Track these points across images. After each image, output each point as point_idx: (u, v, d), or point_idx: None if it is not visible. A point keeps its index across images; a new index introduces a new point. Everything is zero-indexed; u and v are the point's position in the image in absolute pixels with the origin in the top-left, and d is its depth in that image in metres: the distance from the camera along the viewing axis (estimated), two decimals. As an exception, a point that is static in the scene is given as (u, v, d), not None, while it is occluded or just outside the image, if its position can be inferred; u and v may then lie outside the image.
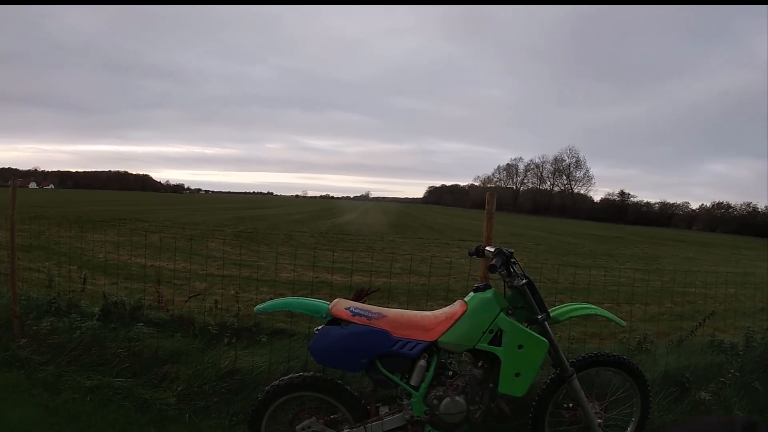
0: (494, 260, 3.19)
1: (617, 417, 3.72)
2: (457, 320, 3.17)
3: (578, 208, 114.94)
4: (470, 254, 3.74)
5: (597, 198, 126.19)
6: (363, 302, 3.46)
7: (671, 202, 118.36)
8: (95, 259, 9.63)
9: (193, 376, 4.25)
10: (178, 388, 4.15)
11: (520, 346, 3.15)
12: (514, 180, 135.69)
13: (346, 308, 3.15)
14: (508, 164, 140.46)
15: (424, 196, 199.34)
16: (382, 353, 3.08)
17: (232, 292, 6.62)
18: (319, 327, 3.13)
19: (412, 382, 3.14)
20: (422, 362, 3.14)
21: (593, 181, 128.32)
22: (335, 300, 3.26)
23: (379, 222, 41.09)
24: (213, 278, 8.90)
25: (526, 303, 3.29)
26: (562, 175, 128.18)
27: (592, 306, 3.57)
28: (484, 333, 3.14)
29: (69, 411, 3.92)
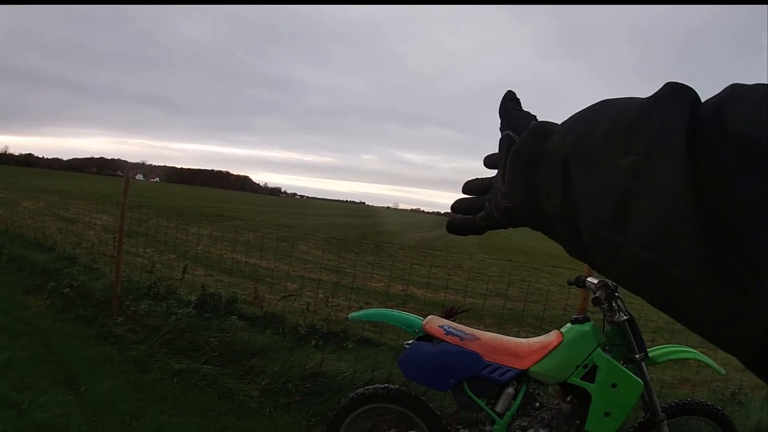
0: (598, 293, 3.09)
1: (701, 470, 3.53)
2: (551, 351, 3.07)
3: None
4: (569, 284, 3.62)
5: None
6: (452, 321, 3.42)
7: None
8: (193, 251, 10.00)
9: (278, 372, 4.33)
10: (263, 383, 4.24)
11: (614, 385, 3.01)
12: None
13: (439, 326, 3.11)
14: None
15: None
16: (471, 375, 3.02)
17: (321, 295, 6.69)
18: (410, 341, 3.10)
19: (498, 408, 3.06)
20: (510, 389, 3.06)
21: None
22: (429, 317, 3.22)
23: (468, 241, 40.69)
24: (303, 280, 9.03)
25: (625, 340, 3.14)
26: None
27: (692, 350, 3.42)
28: (578, 367, 3.03)
29: (155, 389, 4.08)
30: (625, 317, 3.12)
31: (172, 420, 3.69)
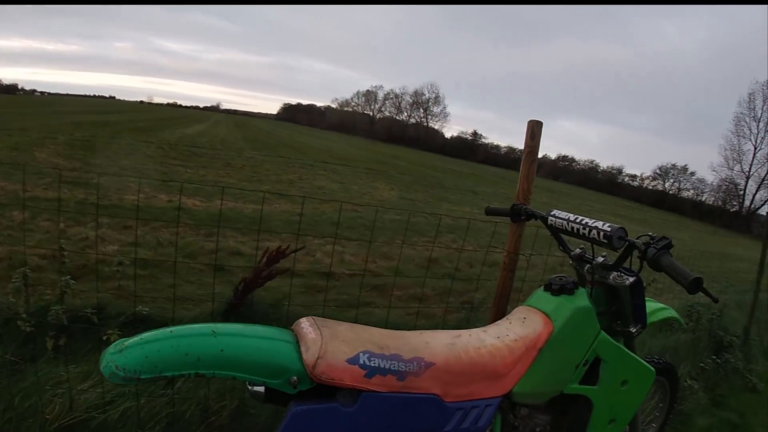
0: (615, 242, 1.75)
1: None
2: (540, 351, 1.65)
3: (431, 141, 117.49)
4: (488, 213, 2.51)
5: (449, 135, 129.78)
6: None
7: (517, 147, 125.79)
8: None
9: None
10: None
11: (623, 382, 1.84)
12: (372, 107, 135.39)
13: (348, 360, 1.37)
14: (368, 90, 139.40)
15: (278, 113, 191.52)
16: None
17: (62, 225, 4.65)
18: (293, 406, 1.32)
19: None
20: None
21: (449, 118, 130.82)
22: (317, 341, 1.38)
23: (233, 136, 38.24)
24: (38, 201, 6.73)
25: (612, 308, 1.90)
26: (419, 108, 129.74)
27: (668, 307, 2.40)
28: (577, 366, 1.74)
29: None
30: (632, 279, 1.83)
31: None
